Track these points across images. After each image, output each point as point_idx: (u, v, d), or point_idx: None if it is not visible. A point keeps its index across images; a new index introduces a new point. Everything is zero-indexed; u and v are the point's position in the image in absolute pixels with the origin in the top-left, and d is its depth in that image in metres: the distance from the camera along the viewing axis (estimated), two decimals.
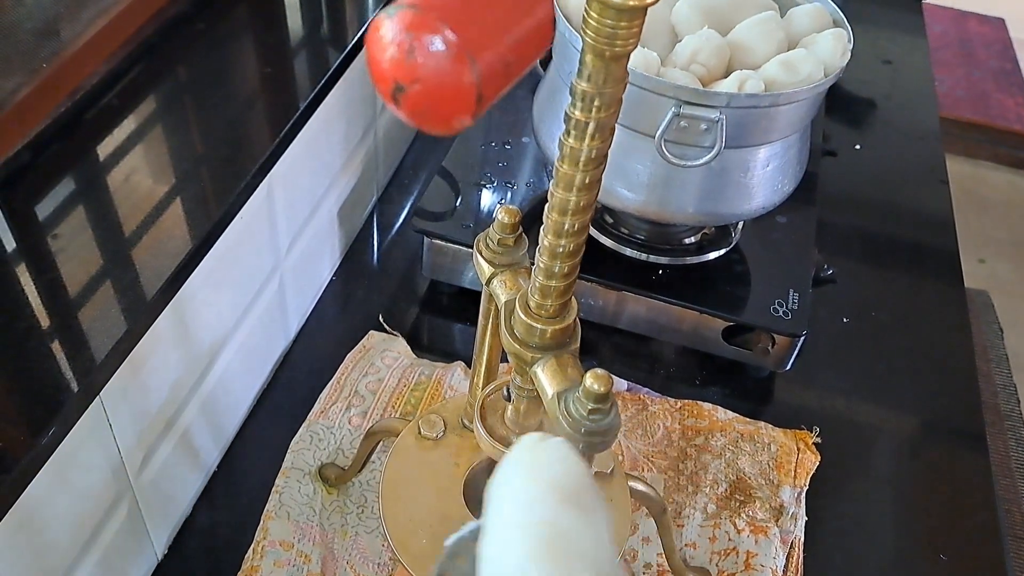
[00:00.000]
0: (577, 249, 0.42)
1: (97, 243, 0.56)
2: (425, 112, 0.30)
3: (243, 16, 0.76)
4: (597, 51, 0.34)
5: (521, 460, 0.38)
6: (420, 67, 0.29)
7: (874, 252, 0.97)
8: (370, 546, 0.66)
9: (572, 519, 0.35)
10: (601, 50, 0.34)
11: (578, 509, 0.36)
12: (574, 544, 0.35)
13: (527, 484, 0.36)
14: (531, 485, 0.36)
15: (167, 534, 0.66)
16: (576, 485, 0.37)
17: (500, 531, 0.36)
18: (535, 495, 0.36)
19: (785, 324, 0.76)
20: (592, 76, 0.36)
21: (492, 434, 0.50)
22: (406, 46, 0.28)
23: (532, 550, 0.34)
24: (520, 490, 0.36)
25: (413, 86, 0.29)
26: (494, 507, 0.37)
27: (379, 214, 0.95)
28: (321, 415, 0.74)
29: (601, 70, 0.35)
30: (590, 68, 0.35)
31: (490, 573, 0.35)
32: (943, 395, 0.83)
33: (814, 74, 0.68)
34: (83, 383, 0.49)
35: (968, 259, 1.42)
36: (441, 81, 0.29)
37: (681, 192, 0.73)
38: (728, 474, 0.73)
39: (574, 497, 0.36)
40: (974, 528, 0.73)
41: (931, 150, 1.10)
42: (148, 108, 0.66)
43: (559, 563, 0.34)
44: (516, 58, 0.30)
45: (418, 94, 0.29)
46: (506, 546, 0.35)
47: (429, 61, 0.28)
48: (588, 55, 0.35)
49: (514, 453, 0.38)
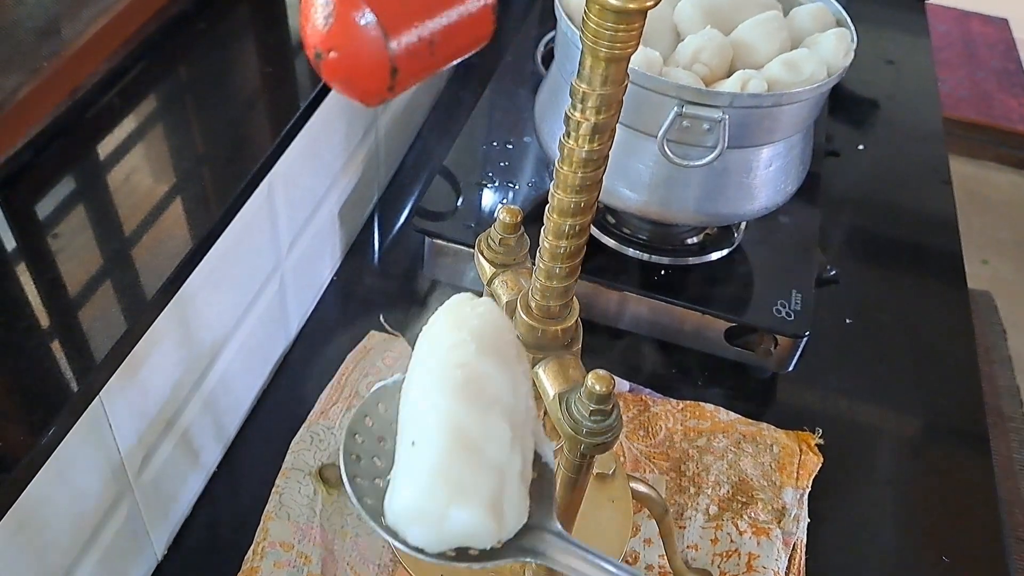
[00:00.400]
0: (578, 250, 0.42)
1: (97, 242, 0.56)
2: (342, 80, 0.31)
3: (244, 15, 0.76)
4: (596, 53, 0.34)
5: (449, 311, 0.39)
6: (336, 36, 0.30)
7: (877, 253, 0.96)
8: (370, 547, 0.66)
9: (490, 366, 0.37)
10: (600, 53, 0.34)
11: (497, 358, 0.38)
12: (489, 388, 0.37)
13: (450, 331, 0.38)
14: (453, 332, 0.38)
15: (167, 534, 0.66)
16: (498, 338, 0.38)
17: (420, 373, 0.38)
18: (456, 340, 0.38)
19: (788, 325, 0.76)
20: (592, 78, 0.35)
21: None
22: (326, 13, 0.30)
23: (448, 389, 0.36)
24: (443, 336, 0.38)
25: (330, 54, 0.30)
26: (417, 352, 0.38)
27: (380, 214, 0.95)
28: (321, 416, 0.73)
29: (601, 72, 0.35)
30: (589, 70, 0.35)
31: (409, 413, 0.37)
32: (946, 396, 0.82)
33: (817, 74, 0.68)
34: (83, 383, 0.49)
35: (971, 260, 1.42)
36: (356, 52, 0.30)
37: (683, 192, 0.72)
38: (730, 475, 0.73)
39: (494, 347, 0.38)
40: (976, 530, 0.73)
41: (934, 150, 1.10)
42: (149, 107, 0.66)
43: (473, 403, 0.36)
44: (442, 40, 0.31)
45: (335, 62, 0.31)
46: (424, 387, 0.37)
47: (346, 31, 0.30)
48: (587, 57, 0.35)
49: (444, 306, 0.39)
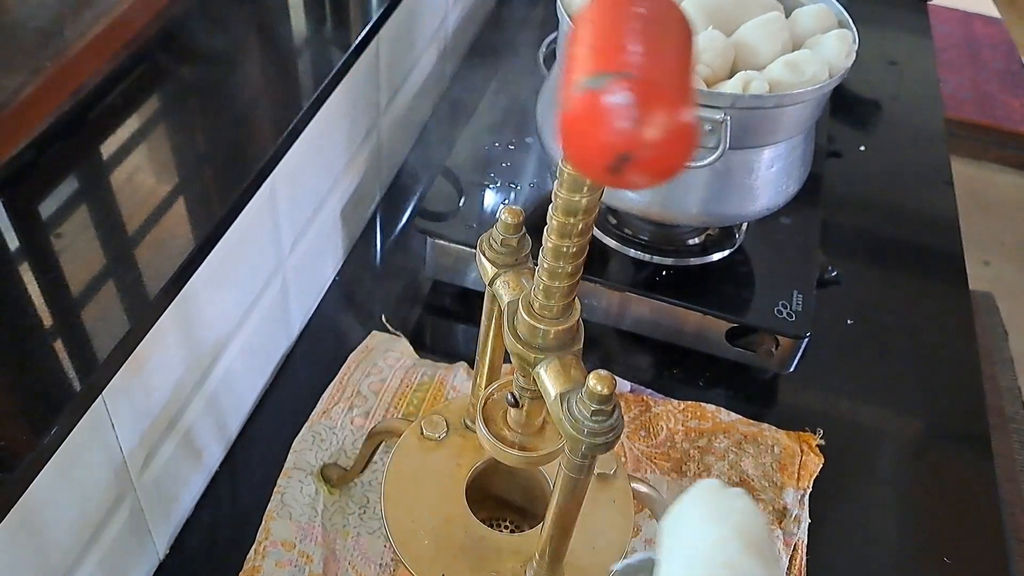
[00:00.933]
0: (580, 250, 0.42)
1: (100, 242, 0.56)
2: (654, 174, 0.30)
3: (246, 15, 0.76)
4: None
5: (704, 502, 0.39)
6: (647, 134, 0.29)
7: (878, 254, 0.96)
8: (372, 547, 0.66)
9: (754, 566, 0.36)
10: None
11: (760, 558, 0.37)
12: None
13: (712, 526, 0.37)
14: (716, 527, 0.37)
15: (169, 534, 0.66)
16: (760, 535, 0.38)
17: (682, 567, 0.37)
18: (720, 537, 0.37)
19: (789, 326, 0.76)
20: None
21: (495, 435, 0.50)
22: (632, 116, 0.28)
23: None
24: (704, 531, 0.37)
25: (642, 152, 0.29)
26: (674, 543, 0.38)
27: (382, 214, 0.95)
28: (323, 415, 0.73)
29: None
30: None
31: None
32: (947, 398, 0.82)
33: (819, 75, 0.68)
34: (85, 382, 0.49)
35: (973, 261, 1.42)
36: (671, 142, 0.29)
37: (685, 193, 0.72)
38: (731, 476, 0.73)
39: (757, 545, 0.37)
40: (978, 531, 0.73)
41: (936, 152, 1.10)
42: (151, 107, 0.66)
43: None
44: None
45: (650, 161, 0.29)
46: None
47: (659, 126, 0.29)
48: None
49: (695, 494, 0.39)
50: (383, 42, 0.85)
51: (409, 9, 0.91)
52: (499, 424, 0.51)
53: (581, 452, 0.42)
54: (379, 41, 0.84)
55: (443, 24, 1.06)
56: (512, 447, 0.50)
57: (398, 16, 0.87)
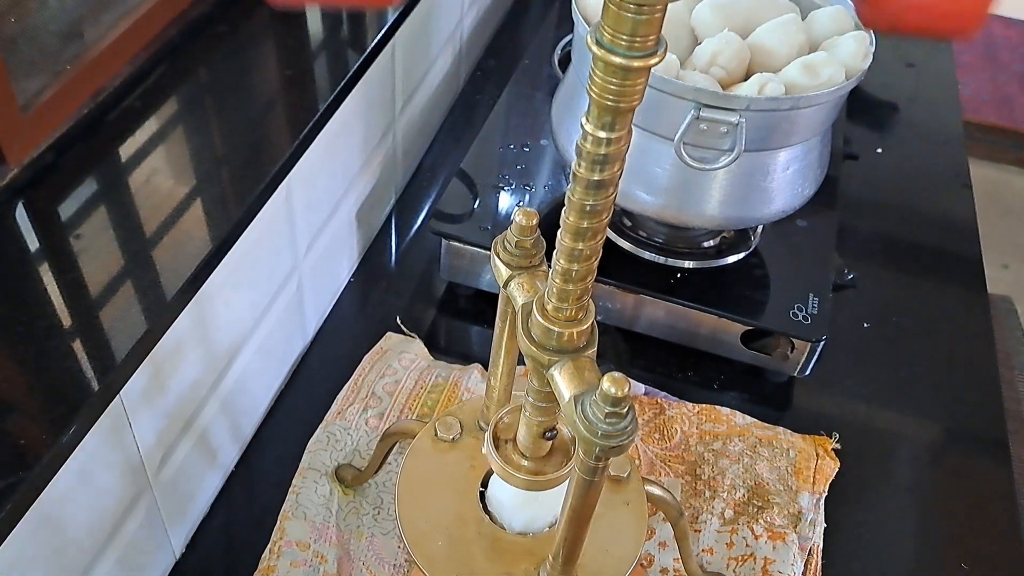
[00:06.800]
0: (595, 252, 0.42)
1: (119, 243, 0.57)
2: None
3: (264, 18, 0.77)
4: (603, 106, 0.35)
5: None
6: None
7: (896, 257, 0.96)
8: (386, 547, 0.66)
9: None
10: (607, 106, 0.35)
11: None
12: None
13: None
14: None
15: (185, 533, 0.67)
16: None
17: None
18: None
19: (805, 329, 0.76)
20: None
21: (503, 458, 0.51)
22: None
23: None
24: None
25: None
26: None
27: (397, 216, 0.95)
28: (338, 416, 0.74)
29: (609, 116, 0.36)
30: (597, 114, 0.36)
31: None
32: (965, 402, 0.82)
33: (835, 77, 0.68)
34: (103, 382, 0.49)
35: (991, 264, 1.41)
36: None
37: (700, 195, 0.72)
38: (746, 479, 0.72)
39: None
40: (996, 537, 0.72)
41: (954, 154, 1.09)
42: (169, 110, 0.67)
43: None
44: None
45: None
46: None
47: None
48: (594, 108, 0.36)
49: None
50: (399, 45, 0.86)
51: (425, 12, 0.91)
52: (508, 447, 0.51)
53: (595, 454, 0.42)
54: (395, 44, 0.84)
55: (459, 27, 1.06)
56: (520, 470, 0.50)
57: (414, 19, 0.87)
